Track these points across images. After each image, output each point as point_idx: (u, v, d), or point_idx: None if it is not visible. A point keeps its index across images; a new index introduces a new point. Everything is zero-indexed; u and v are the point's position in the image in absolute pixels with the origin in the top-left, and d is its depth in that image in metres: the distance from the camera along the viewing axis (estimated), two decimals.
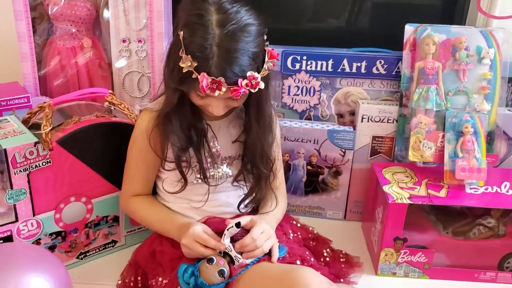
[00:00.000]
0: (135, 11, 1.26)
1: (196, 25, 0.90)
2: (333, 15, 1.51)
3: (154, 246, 1.05)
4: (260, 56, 0.93)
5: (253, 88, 0.91)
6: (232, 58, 0.89)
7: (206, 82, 0.88)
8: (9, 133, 1.04)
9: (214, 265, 0.93)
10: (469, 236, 1.19)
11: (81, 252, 1.16)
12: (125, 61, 1.31)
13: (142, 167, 1.07)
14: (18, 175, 1.01)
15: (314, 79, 1.32)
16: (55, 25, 1.32)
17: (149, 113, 1.03)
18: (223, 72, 0.88)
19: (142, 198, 1.09)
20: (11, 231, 1.05)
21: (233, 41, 0.88)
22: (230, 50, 0.88)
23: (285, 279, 0.89)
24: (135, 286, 1.05)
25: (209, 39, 0.88)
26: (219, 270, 0.92)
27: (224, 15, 0.90)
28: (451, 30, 1.23)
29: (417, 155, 1.22)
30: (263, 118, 1.02)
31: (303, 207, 1.39)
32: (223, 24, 0.89)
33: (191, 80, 0.90)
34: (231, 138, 1.07)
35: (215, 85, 0.88)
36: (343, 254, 1.15)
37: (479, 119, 1.20)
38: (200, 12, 0.90)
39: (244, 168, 1.07)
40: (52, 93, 1.35)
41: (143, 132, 1.02)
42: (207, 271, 0.92)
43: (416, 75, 1.23)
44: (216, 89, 0.89)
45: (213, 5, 0.91)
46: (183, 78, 0.91)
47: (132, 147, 1.07)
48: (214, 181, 1.05)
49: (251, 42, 0.90)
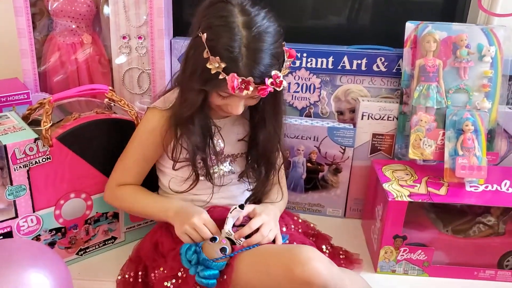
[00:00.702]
0: (135, 8, 1.26)
1: (221, 27, 0.92)
2: (333, 12, 1.51)
3: (156, 237, 1.07)
4: (281, 56, 0.96)
5: (278, 87, 0.94)
6: (260, 58, 0.91)
7: (236, 82, 0.90)
8: (9, 129, 1.04)
9: (217, 243, 0.95)
10: (469, 234, 1.19)
11: (81, 248, 1.16)
12: (125, 57, 1.31)
13: (140, 162, 1.09)
14: (18, 171, 1.01)
15: (314, 76, 1.32)
16: (55, 21, 1.32)
17: (159, 112, 1.04)
18: (252, 72, 0.91)
19: (131, 186, 1.10)
20: (11, 227, 1.05)
21: (260, 41, 0.91)
22: (258, 51, 0.91)
23: (285, 256, 0.91)
24: (135, 281, 1.05)
25: (237, 40, 0.90)
26: (221, 248, 0.94)
27: (249, 17, 0.92)
28: (452, 28, 1.23)
29: (417, 153, 1.22)
30: (279, 116, 1.06)
31: (302, 204, 1.39)
32: (249, 26, 0.92)
33: (217, 81, 0.92)
34: (235, 136, 1.09)
35: (244, 85, 0.91)
36: (342, 251, 1.15)
37: (479, 117, 1.20)
38: (224, 14, 0.92)
39: (250, 165, 1.09)
40: (52, 89, 1.35)
41: (151, 130, 1.04)
42: (210, 248, 0.95)
43: (417, 72, 1.22)
44: (245, 89, 0.91)
45: (236, 7, 0.93)
46: (208, 80, 0.93)
47: (134, 141, 1.08)
48: (218, 178, 1.07)
49: (274, 42, 0.93)
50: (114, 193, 1.10)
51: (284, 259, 0.90)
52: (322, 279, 0.87)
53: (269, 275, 0.91)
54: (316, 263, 0.88)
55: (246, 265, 0.94)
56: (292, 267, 0.88)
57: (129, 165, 1.09)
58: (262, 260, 0.94)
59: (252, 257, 0.95)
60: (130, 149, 1.09)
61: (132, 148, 1.08)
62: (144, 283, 1.04)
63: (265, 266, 0.92)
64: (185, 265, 0.95)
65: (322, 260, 0.90)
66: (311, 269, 0.87)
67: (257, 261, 0.94)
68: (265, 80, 0.92)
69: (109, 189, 1.12)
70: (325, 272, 0.88)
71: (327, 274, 0.88)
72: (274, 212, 1.06)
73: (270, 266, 0.91)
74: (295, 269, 0.87)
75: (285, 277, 0.88)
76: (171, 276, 0.97)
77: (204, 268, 0.93)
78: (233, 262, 0.95)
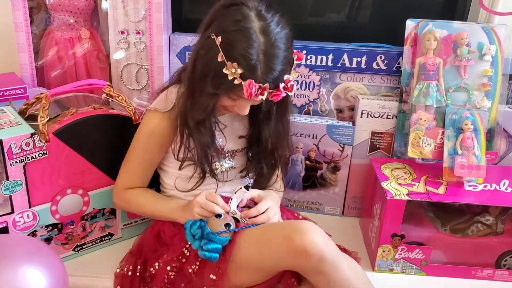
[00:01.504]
0: (134, 2, 1.25)
1: (238, 32, 0.91)
2: (333, 9, 1.50)
3: (157, 227, 1.08)
4: (292, 60, 0.97)
5: (290, 91, 0.95)
6: (276, 65, 0.92)
7: (254, 89, 0.91)
8: (5, 124, 1.03)
9: (222, 219, 0.99)
10: (467, 234, 1.19)
11: (78, 244, 1.16)
12: (123, 53, 1.30)
13: (144, 165, 1.09)
14: (14, 166, 1.00)
15: (313, 73, 1.31)
16: (53, 16, 1.31)
17: (160, 114, 1.04)
18: (269, 78, 0.91)
19: (137, 189, 1.10)
20: (7, 222, 1.04)
21: (277, 48, 0.92)
22: (274, 58, 0.92)
23: (286, 227, 0.97)
24: (133, 275, 1.05)
25: (254, 48, 0.90)
26: (226, 224, 0.97)
27: (265, 23, 0.92)
28: (452, 26, 1.22)
29: (416, 152, 1.21)
30: (288, 114, 1.07)
31: (301, 202, 1.38)
32: (266, 32, 0.91)
33: (231, 85, 0.91)
34: (235, 133, 1.10)
35: (260, 90, 0.91)
36: (341, 249, 1.14)
37: (479, 116, 1.19)
38: (240, 18, 0.91)
39: (251, 162, 1.11)
40: (49, 84, 1.34)
41: (152, 133, 1.05)
42: (215, 223, 0.98)
43: (417, 71, 1.22)
44: (260, 95, 0.92)
45: (253, 11, 0.92)
46: (222, 84, 0.92)
47: (136, 144, 1.08)
48: (220, 174, 1.08)
49: (288, 48, 0.94)
50: (122, 197, 1.11)
51: (284, 230, 0.95)
52: (319, 249, 0.91)
53: (269, 246, 0.95)
54: (314, 234, 0.92)
55: (248, 241, 0.97)
56: (292, 236, 0.92)
57: (133, 168, 1.09)
58: (263, 234, 0.98)
59: (254, 233, 0.99)
60: (133, 153, 1.09)
61: (134, 151, 1.08)
62: (142, 277, 1.05)
63: (266, 238, 0.96)
64: (189, 239, 0.98)
65: (321, 233, 0.94)
66: (310, 239, 0.91)
67: (258, 235, 0.98)
68: (279, 85, 0.93)
69: (117, 193, 1.12)
70: (322, 243, 0.92)
71: (324, 245, 0.92)
72: (277, 199, 1.12)
73: (271, 237, 0.96)
74: (295, 237, 0.91)
75: (285, 246, 0.92)
76: (173, 260, 1.00)
77: (208, 241, 0.95)
78: (236, 239, 0.97)
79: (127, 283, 1.04)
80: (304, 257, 0.91)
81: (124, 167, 1.10)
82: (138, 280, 1.04)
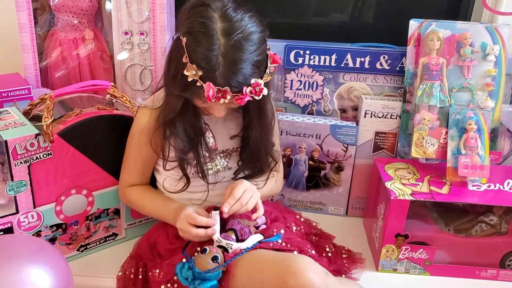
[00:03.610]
0: (137, 3, 1.25)
1: (200, 34, 0.89)
2: (336, 9, 1.50)
3: (154, 237, 1.08)
4: (263, 62, 0.93)
5: (257, 95, 0.92)
6: (238, 68, 0.89)
7: (212, 92, 0.88)
8: (9, 125, 1.03)
9: (207, 254, 0.95)
10: (471, 234, 1.19)
11: (82, 244, 1.16)
12: (127, 53, 1.30)
13: (139, 162, 1.09)
14: (19, 166, 1.01)
15: (317, 73, 1.31)
16: (57, 17, 1.31)
17: (149, 111, 1.04)
18: (229, 82, 0.89)
19: (138, 187, 1.11)
20: (12, 222, 1.04)
21: (239, 51, 0.88)
22: (236, 61, 0.88)
23: (280, 265, 0.89)
24: (135, 278, 1.05)
25: (214, 50, 0.88)
26: (213, 257, 0.94)
27: (228, 24, 0.89)
28: (456, 26, 1.22)
29: (420, 152, 1.21)
30: (265, 118, 1.03)
31: (304, 202, 1.38)
32: (228, 34, 0.88)
33: (195, 87, 0.90)
34: (228, 132, 1.08)
35: (220, 94, 0.89)
36: (345, 250, 1.15)
37: (482, 116, 1.19)
38: (203, 20, 0.89)
39: (244, 162, 1.09)
40: (53, 85, 1.34)
41: (142, 130, 1.04)
42: (201, 260, 0.95)
43: (420, 71, 1.22)
44: (221, 98, 0.89)
45: (217, 11, 0.90)
46: (187, 85, 0.90)
47: (130, 142, 1.08)
48: (212, 175, 1.06)
49: (255, 51, 0.90)
50: (125, 196, 1.12)
51: (278, 269, 0.89)
52: None
53: (262, 284, 0.90)
54: (310, 274, 0.86)
55: (243, 272, 0.93)
56: (285, 278, 0.86)
57: (130, 166, 1.10)
58: (257, 268, 0.92)
59: (248, 264, 0.94)
60: (128, 150, 1.09)
61: (129, 148, 1.09)
62: (144, 279, 1.05)
63: (259, 274, 0.91)
64: (183, 283, 0.94)
65: (317, 271, 0.88)
66: (305, 281, 0.85)
67: (253, 268, 0.93)
68: (243, 89, 0.90)
69: (120, 191, 1.13)
70: (319, 284, 0.86)
71: (321, 286, 0.86)
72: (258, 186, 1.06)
73: (264, 275, 0.90)
74: (289, 280, 0.86)
75: (278, 287, 0.87)
76: (167, 281, 0.97)
77: (201, 281, 0.93)
78: (230, 269, 0.94)
79: (129, 285, 1.04)
80: None
81: (123, 165, 1.11)
82: (140, 282, 1.04)
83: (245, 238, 1.00)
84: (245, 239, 1.00)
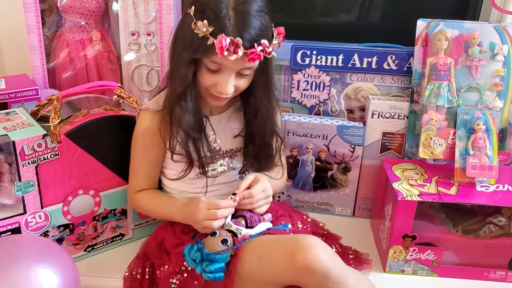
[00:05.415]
0: (144, 4, 1.26)
1: None
2: (343, 9, 1.50)
3: (161, 235, 1.08)
4: (270, 29, 0.95)
5: (268, 54, 0.93)
6: (248, 21, 0.91)
7: (224, 42, 0.89)
8: (17, 125, 1.04)
9: (217, 236, 0.95)
10: (479, 235, 1.18)
11: (89, 245, 1.16)
12: (134, 54, 1.30)
13: (145, 165, 1.09)
14: (27, 167, 1.01)
15: (324, 74, 1.31)
16: (64, 18, 1.32)
17: (151, 113, 1.04)
18: (241, 33, 0.90)
19: (146, 193, 1.11)
20: (19, 223, 1.05)
21: (248, 4, 0.92)
22: (246, 13, 0.91)
23: (288, 242, 0.91)
24: (142, 278, 1.05)
25: (224, 4, 0.90)
26: (222, 240, 0.95)
27: None
28: (464, 26, 1.21)
29: (427, 152, 1.21)
30: (271, 95, 1.05)
31: (311, 203, 1.38)
32: None
33: (206, 47, 0.91)
34: (232, 132, 1.09)
35: (232, 47, 0.90)
36: (352, 251, 1.14)
37: (491, 116, 1.18)
38: None
39: (247, 160, 1.09)
40: (61, 85, 1.35)
41: (145, 132, 1.05)
42: (211, 242, 0.95)
43: (428, 71, 1.21)
44: (233, 52, 0.90)
45: None
46: (198, 47, 0.92)
47: (134, 146, 1.09)
48: (217, 176, 1.08)
49: (261, 11, 0.93)
50: (134, 201, 1.13)
51: (286, 246, 0.90)
52: (322, 265, 0.85)
53: (271, 263, 0.90)
54: (318, 249, 0.87)
55: (251, 254, 0.94)
56: (294, 253, 0.87)
57: (137, 170, 1.10)
58: (265, 248, 0.93)
59: (256, 246, 0.95)
60: (133, 155, 1.09)
61: (133, 153, 1.09)
62: (151, 279, 1.05)
63: (268, 254, 0.91)
64: (191, 265, 0.95)
65: (325, 248, 0.89)
66: (313, 255, 0.86)
67: (261, 249, 0.94)
68: (254, 45, 0.91)
69: (129, 196, 1.14)
70: (327, 259, 0.86)
71: (328, 261, 0.86)
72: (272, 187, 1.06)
73: (273, 253, 0.91)
74: (297, 254, 0.86)
75: (287, 263, 0.88)
76: (176, 272, 0.98)
77: (209, 263, 0.93)
78: (239, 253, 0.94)
79: (136, 285, 1.04)
80: (307, 275, 0.86)
81: (130, 170, 1.11)
82: (147, 282, 1.04)
83: (254, 225, 1.01)
84: (254, 226, 1.01)
